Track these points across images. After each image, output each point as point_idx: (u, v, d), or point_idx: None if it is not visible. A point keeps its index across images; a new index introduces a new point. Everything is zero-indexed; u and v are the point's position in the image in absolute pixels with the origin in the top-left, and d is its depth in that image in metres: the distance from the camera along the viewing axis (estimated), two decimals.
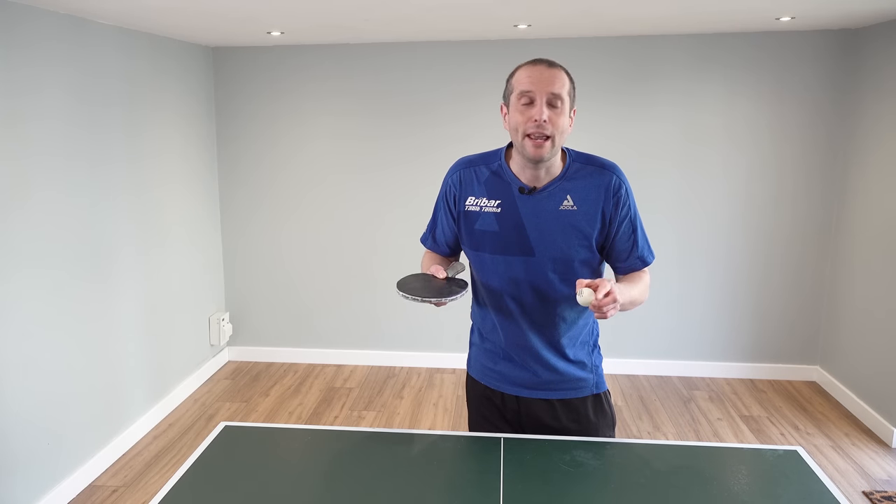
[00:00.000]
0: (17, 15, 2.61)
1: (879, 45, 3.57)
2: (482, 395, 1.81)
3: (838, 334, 3.94)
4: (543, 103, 1.51)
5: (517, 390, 1.74)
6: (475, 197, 1.67)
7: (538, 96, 1.52)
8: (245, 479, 1.49)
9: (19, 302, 2.65)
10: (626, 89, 4.03)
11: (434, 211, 1.81)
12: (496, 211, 1.64)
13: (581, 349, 1.74)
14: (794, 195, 4.04)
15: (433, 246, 1.84)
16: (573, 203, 1.61)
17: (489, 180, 1.66)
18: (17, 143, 2.62)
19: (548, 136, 1.52)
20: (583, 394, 1.74)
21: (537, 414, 1.74)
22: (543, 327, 1.69)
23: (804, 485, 1.47)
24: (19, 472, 2.67)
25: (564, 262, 1.62)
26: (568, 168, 1.63)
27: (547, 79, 1.52)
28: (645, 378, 4.27)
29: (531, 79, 1.53)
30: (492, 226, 1.64)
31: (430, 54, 4.13)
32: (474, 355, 1.84)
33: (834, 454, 3.29)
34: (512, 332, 1.71)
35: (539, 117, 1.51)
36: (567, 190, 1.61)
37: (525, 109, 1.53)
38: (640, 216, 1.69)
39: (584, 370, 1.74)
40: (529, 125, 1.52)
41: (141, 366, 3.53)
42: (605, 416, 1.76)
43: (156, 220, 3.65)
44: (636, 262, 1.70)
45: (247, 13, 3.02)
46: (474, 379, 1.84)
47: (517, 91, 1.55)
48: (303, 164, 4.34)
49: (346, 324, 4.51)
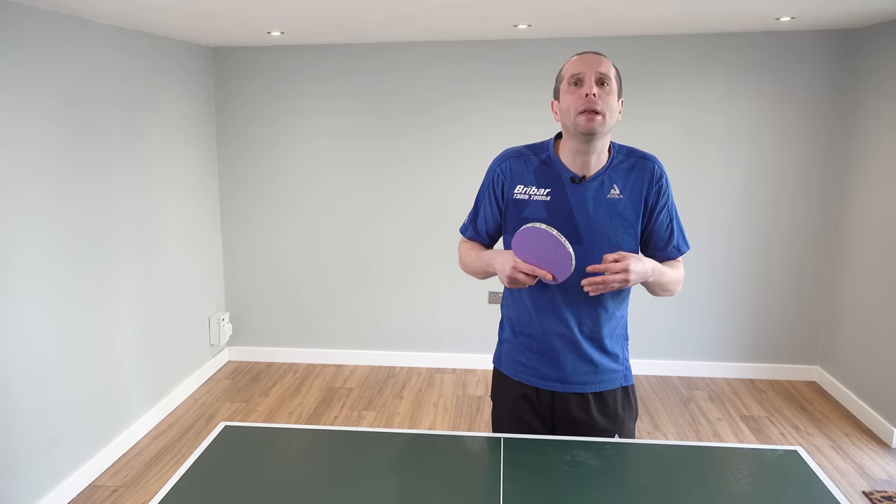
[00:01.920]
0: (17, 15, 2.61)
1: (879, 45, 3.56)
2: (515, 391, 1.80)
3: (838, 334, 3.94)
4: (593, 81, 1.58)
5: (552, 385, 1.75)
6: (524, 185, 1.70)
7: (587, 76, 1.58)
8: (245, 479, 1.49)
9: (20, 302, 2.65)
10: (627, 89, 4.03)
11: (476, 201, 1.83)
12: (546, 199, 1.67)
13: (616, 341, 1.77)
14: (794, 195, 4.04)
15: (474, 235, 1.86)
16: (619, 192, 1.66)
17: (539, 169, 1.70)
18: (16, 142, 2.62)
19: (599, 111, 1.57)
20: (613, 385, 1.76)
21: (571, 410, 1.75)
22: (585, 317, 1.71)
23: (804, 485, 1.47)
24: (19, 472, 2.67)
25: (611, 250, 1.65)
26: (613, 158, 1.68)
27: (595, 61, 1.59)
28: (645, 378, 4.27)
29: (581, 62, 1.60)
30: (540, 213, 1.67)
31: (430, 54, 4.13)
32: (506, 351, 1.84)
33: (834, 454, 3.29)
34: (552, 323, 1.72)
35: (590, 91, 1.56)
36: (613, 179, 1.67)
37: (575, 90, 1.60)
38: (675, 206, 1.75)
39: (617, 362, 1.77)
40: (581, 102, 1.58)
41: (141, 366, 3.53)
42: (630, 410, 1.79)
43: (156, 220, 3.65)
44: (673, 252, 1.75)
45: (247, 13, 3.02)
46: (506, 376, 1.83)
47: (567, 76, 1.61)
48: (303, 163, 4.34)
49: (345, 324, 4.51)
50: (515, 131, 4.14)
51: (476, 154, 4.19)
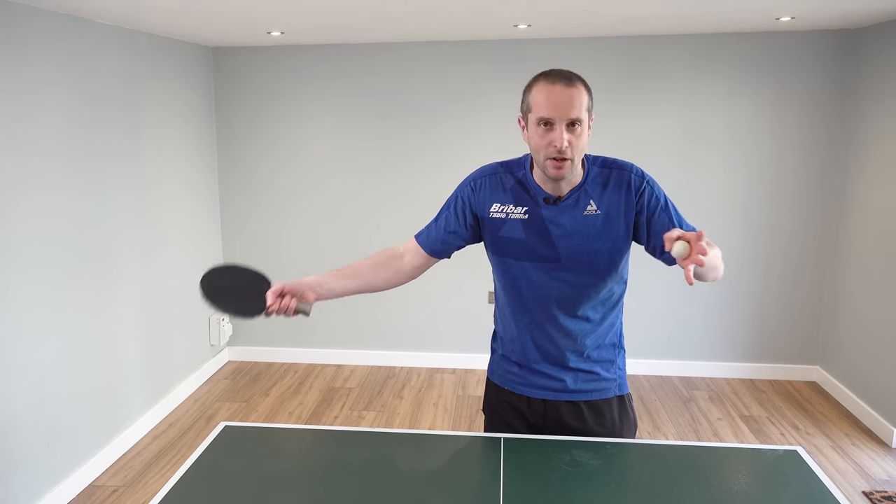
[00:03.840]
0: (17, 15, 2.61)
1: (879, 45, 3.56)
2: (506, 400, 1.78)
3: (838, 334, 3.94)
4: (563, 129, 1.50)
5: (542, 393, 1.73)
6: (500, 204, 1.67)
7: (558, 122, 1.50)
8: (245, 479, 1.49)
9: (20, 302, 2.65)
10: (627, 89, 4.03)
11: (440, 211, 1.77)
12: (523, 218, 1.65)
13: (606, 350, 1.73)
14: (793, 195, 4.04)
15: (423, 242, 1.78)
16: (596, 207, 1.62)
17: (515, 188, 1.67)
18: (17, 143, 2.62)
19: (569, 158, 1.52)
20: (607, 395, 1.73)
21: (563, 418, 1.73)
22: (569, 331, 1.68)
23: (804, 485, 1.47)
24: (19, 472, 2.67)
25: (591, 267, 1.63)
26: (588, 174, 1.64)
27: (566, 103, 1.49)
28: (645, 378, 4.27)
29: (551, 104, 1.50)
30: (517, 232, 1.65)
31: (430, 54, 4.13)
32: (496, 361, 1.83)
33: (834, 454, 3.29)
34: (536, 337, 1.70)
35: (560, 144, 1.50)
36: (590, 195, 1.63)
37: (545, 134, 1.52)
38: (672, 203, 1.66)
39: (609, 371, 1.74)
40: (551, 150, 1.52)
41: (141, 366, 3.52)
42: (628, 421, 1.76)
43: (156, 219, 3.65)
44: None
45: (247, 13, 3.02)
46: (497, 385, 1.81)
47: (535, 115, 1.53)
48: (303, 163, 4.34)
49: (346, 324, 4.50)
50: (515, 131, 4.13)
51: (476, 154, 4.19)
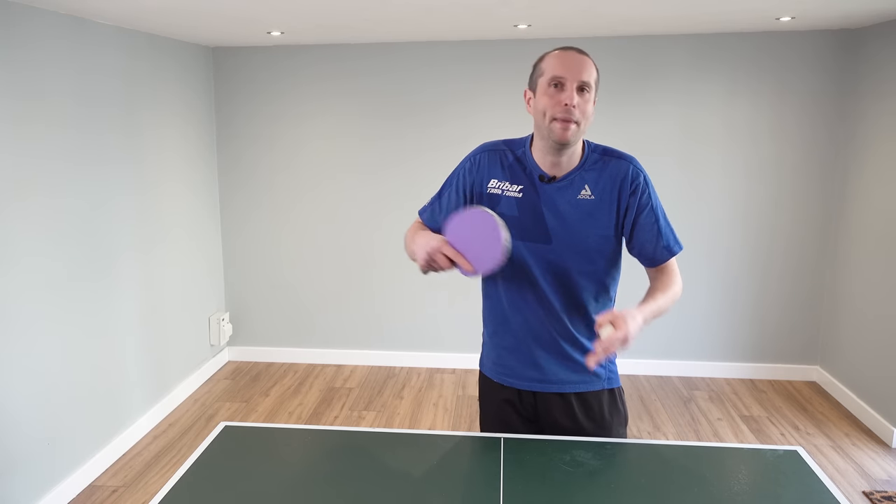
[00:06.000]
0: (17, 15, 2.61)
1: (879, 45, 3.56)
2: (498, 394, 1.79)
3: (838, 334, 3.94)
4: (574, 89, 1.53)
5: (530, 385, 1.73)
6: (498, 180, 1.68)
7: (569, 82, 1.53)
8: (245, 479, 1.49)
9: (20, 302, 2.65)
10: (627, 89, 4.03)
11: (442, 187, 1.80)
12: (517, 196, 1.65)
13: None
14: (794, 195, 4.04)
15: (429, 219, 1.82)
16: (591, 192, 1.63)
17: (513, 165, 1.68)
18: (17, 142, 2.62)
19: (575, 120, 1.54)
20: (596, 387, 1.73)
21: (553, 413, 1.72)
22: (559, 315, 1.67)
23: (804, 485, 1.47)
24: (19, 472, 2.67)
25: (581, 251, 1.63)
26: (587, 158, 1.65)
27: (578, 65, 1.54)
28: (645, 378, 4.27)
29: (564, 64, 1.54)
30: (512, 210, 1.65)
31: (430, 54, 4.13)
32: (486, 353, 1.83)
33: (834, 454, 3.29)
34: (525, 320, 1.69)
35: (570, 101, 1.52)
36: (585, 180, 1.63)
37: (555, 93, 1.55)
38: (662, 206, 1.69)
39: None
40: (558, 109, 1.54)
41: (141, 366, 3.53)
42: (618, 414, 1.75)
43: (156, 219, 3.65)
44: (663, 253, 1.68)
45: (247, 13, 3.02)
46: (489, 378, 1.81)
47: (548, 76, 1.56)
48: (303, 163, 4.34)
49: (345, 324, 4.50)
50: (515, 131, 4.11)
51: None
